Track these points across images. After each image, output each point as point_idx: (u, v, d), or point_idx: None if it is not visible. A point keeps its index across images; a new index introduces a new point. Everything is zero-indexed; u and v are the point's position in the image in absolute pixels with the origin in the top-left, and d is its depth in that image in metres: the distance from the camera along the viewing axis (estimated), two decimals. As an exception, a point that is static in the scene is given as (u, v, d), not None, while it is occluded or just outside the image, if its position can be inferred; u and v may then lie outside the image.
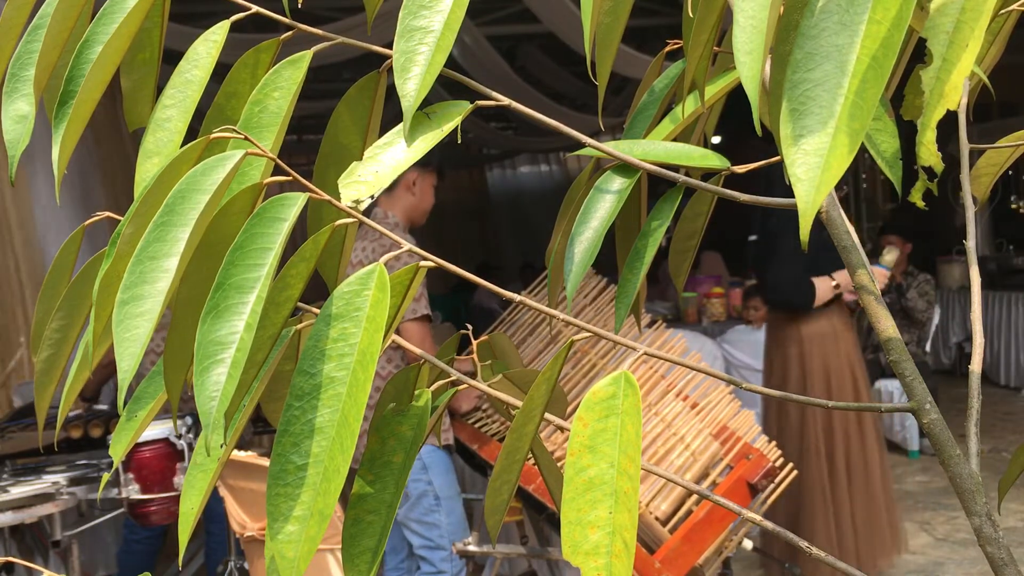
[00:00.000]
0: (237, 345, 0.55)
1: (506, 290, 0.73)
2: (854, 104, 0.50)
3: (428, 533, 3.01)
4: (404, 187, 3.13)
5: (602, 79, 0.77)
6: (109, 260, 0.59)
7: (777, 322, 3.86)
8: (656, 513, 2.44)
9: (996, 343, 7.98)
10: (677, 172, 0.74)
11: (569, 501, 0.60)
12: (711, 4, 0.71)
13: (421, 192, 3.17)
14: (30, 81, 0.69)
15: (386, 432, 0.67)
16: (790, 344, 3.75)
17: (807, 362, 3.71)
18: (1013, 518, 4.61)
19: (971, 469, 0.65)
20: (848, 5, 0.51)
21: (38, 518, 2.95)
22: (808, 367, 3.71)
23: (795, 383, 3.73)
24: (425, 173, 3.17)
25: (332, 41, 0.72)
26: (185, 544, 0.60)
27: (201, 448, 0.64)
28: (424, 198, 3.19)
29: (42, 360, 0.71)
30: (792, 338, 3.74)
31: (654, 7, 6.43)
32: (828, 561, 0.69)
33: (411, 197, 3.15)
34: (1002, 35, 0.82)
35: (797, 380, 3.73)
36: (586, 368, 2.83)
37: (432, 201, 3.23)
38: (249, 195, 0.61)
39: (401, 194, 3.14)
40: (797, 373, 3.74)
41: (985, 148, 0.87)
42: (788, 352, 3.76)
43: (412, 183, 3.14)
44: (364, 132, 0.75)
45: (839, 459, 3.65)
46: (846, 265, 0.69)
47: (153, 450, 3.04)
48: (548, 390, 0.67)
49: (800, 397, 0.69)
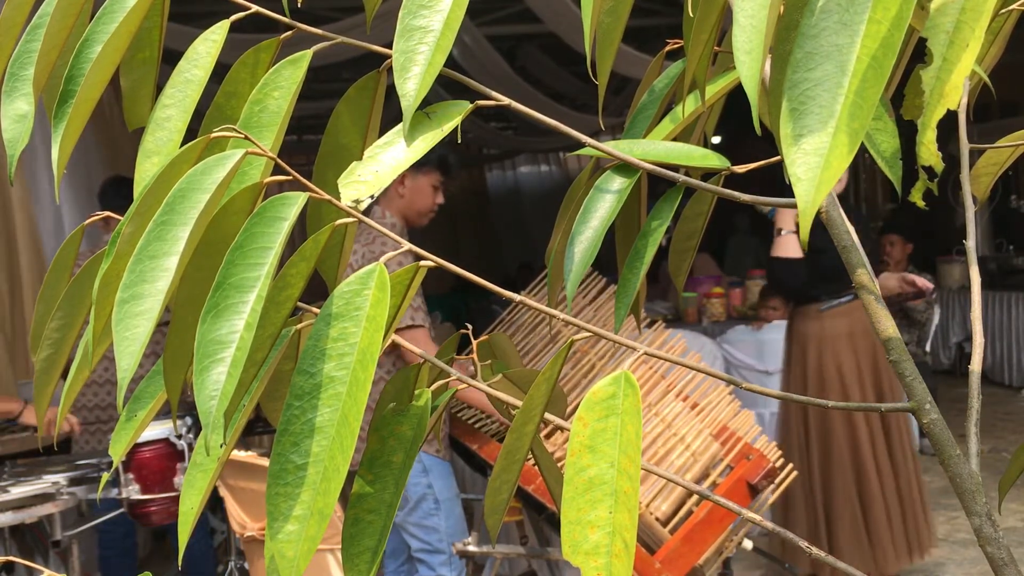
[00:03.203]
0: (237, 344, 0.55)
1: (505, 290, 0.73)
2: (854, 104, 0.50)
3: (427, 537, 2.99)
4: (393, 187, 3.07)
5: (602, 79, 0.77)
6: (109, 259, 0.59)
7: (795, 320, 3.80)
8: (656, 513, 2.44)
9: (996, 343, 7.98)
10: (677, 172, 0.74)
11: (569, 501, 0.60)
12: (711, 4, 0.71)
13: (413, 192, 3.08)
14: (30, 80, 0.69)
15: (386, 432, 0.67)
16: (808, 343, 3.70)
17: (824, 361, 3.67)
18: (1013, 518, 4.61)
19: (971, 469, 0.65)
20: (848, 5, 0.51)
21: (38, 518, 2.94)
22: (825, 366, 3.67)
23: (813, 381, 3.68)
24: (419, 173, 3.08)
25: (332, 41, 0.72)
26: (185, 544, 0.60)
27: (201, 448, 0.64)
28: (419, 198, 3.10)
29: (42, 359, 0.71)
30: (811, 336, 3.70)
31: (654, 7, 6.43)
32: (828, 561, 0.69)
33: (400, 198, 3.08)
34: (1002, 35, 0.82)
35: (815, 378, 3.68)
36: (586, 368, 2.83)
37: (433, 201, 3.14)
38: (249, 194, 0.61)
39: (392, 194, 3.09)
40: (815, 371, 3.69)
41: (985, 148, 0.87)
42: (807, 351, 3.70)
43: (400, 183, 3.06)
44: (364, 132, 0.75)
45: (867, 460, 3.61)
46: (846, 265, 0.69)
47: (153, 450, 3.04)
48: (548, 390, 0.67)
49: (800, 397, 0.69)
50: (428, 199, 3.12)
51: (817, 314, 3.69)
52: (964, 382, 0.76)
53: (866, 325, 3.63)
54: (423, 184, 3.10)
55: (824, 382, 3.65)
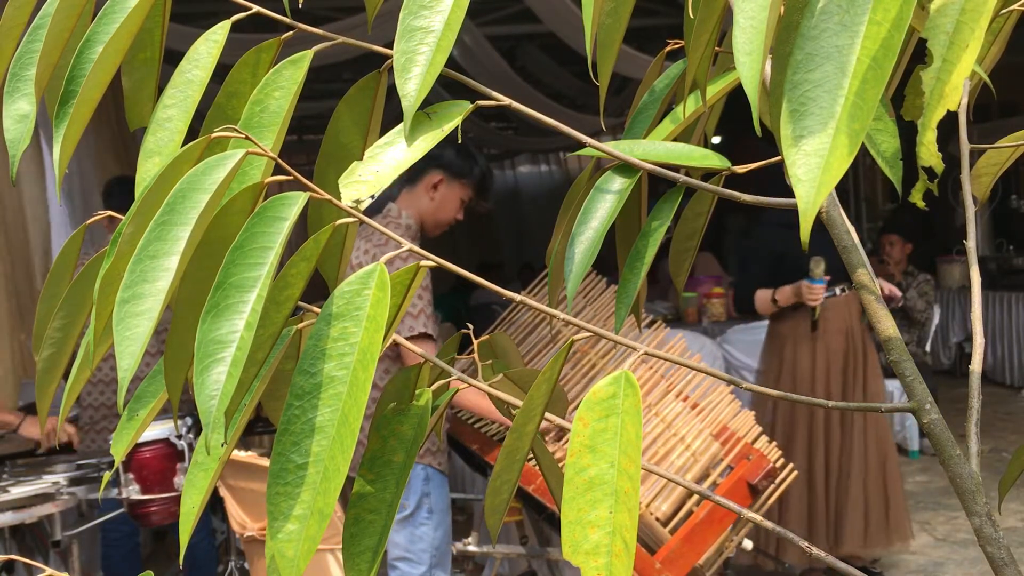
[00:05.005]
0: (237, 344, 0.55)
1: (505, 290, 0.73)
2: (854, 105, 0.50)
3: (411, 545, 2.86)
4: (424, 187, 2.86)
5: (603, 80, 0.77)
6: (110, 259, 0.59)
7: (772, 319, 3.97)
8: (656, 514, 2.44)
9: (996, 343, 7.98)
10: (677, 172, 0.74)
11: (569, 501, 0.60)
12: (712, 5, 0.71)
13: (442, 199, 2.88)
14: (31, 81, 0.69)
15: (387, 431, 0.67)
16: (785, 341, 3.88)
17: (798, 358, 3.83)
18: (1013, 518, 4.61)
19: (971, 469, 0.65)
20: (848, 6, 0.51)
21: (38, 518, 2.95)
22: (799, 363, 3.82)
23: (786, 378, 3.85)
24: (454, 181, 2.89)
25: (333, 41, 0.72)
26: (186, 544, 0.60)
27: (202, 447, 0.64)
28: (444, 207, 2.90)
29: (43, 359, 0.71)
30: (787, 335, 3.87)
31: (655, 7, 6.43)
32: (828, 561, 0.70)
33: (428, 201, 2.87)
34: (1002, 35, 0.82)
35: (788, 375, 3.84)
36: (586, 368, 2.83)
37: (455, 215, 2.93)
38: (250, 194, 0.61)
39: (420, 193, 2.87)
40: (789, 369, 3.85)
41: (985, 148, 0.87)
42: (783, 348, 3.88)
43: (433, 186, 2.87)
44: (365, 132, 0.75)
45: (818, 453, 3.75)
46: (846, 265, 0.69)
47: (153, 450, 3.03)
48: (548, 390, 0.67)
49: (799, 397, 0.69)
50: (453, 211, 2.93)
51: (791, 313, 3.82)
52: (964, 382, 0.76)
53: (839, 324, 3.73)
54: (455, 194, 2.91)
55: (796, 379, 3.80)
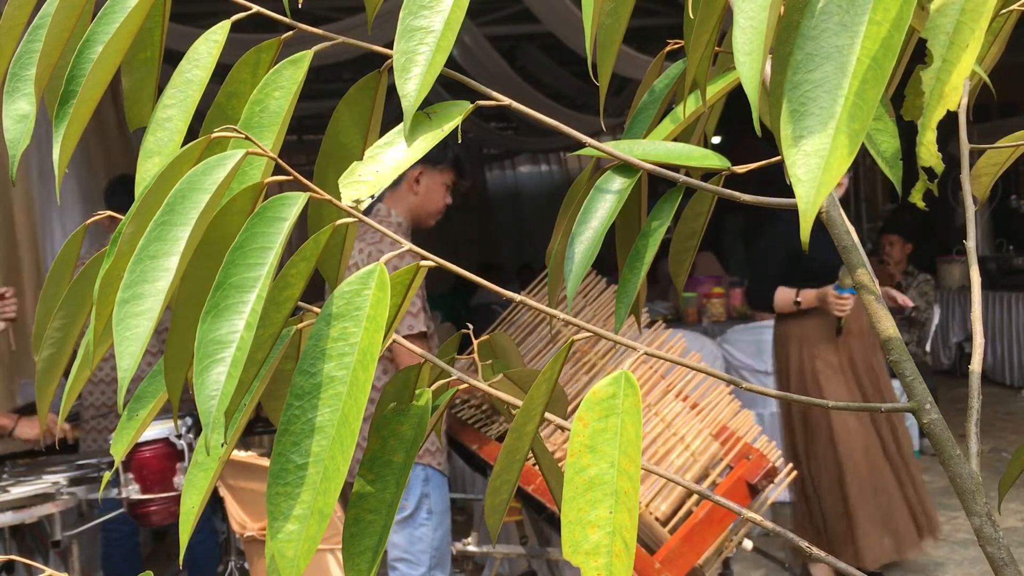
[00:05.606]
0: (237, 344, 0.55)
1: (505, 290, 0.73)
2: (854, 105, 0.50)
3: (411, 546, 2.90)
4: (407, 184, 2.96)
5: (603, 80, 0.77)
6: (110, 259, 0.59)
7: (777, 321, 3.94)
8: (656, 513, 2.44)
9: (996, 343, 7.98)
10: (677, 172, 0.74)
11: (569, 501, 0.60)
12: (712, 5, 0.71)
13: (427, 191, 2.98)
14: (31, 81, 0.69)
15: (386, 431, 0.67)
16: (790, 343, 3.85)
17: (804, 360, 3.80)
18: (1013, 518, 4.61)
19: (971, 469, 0.65)
20: (848, 6, 0.51)
21: (38, 518, 2.94)
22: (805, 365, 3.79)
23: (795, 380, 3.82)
24: (433, 170, 2.97)
25: (332, 41, 0.72)
26: (185, 544, 0.60)
27: (202, 447, 0.64)
28: (430, 198, 3.00)
29: (43, 359, 0.71)
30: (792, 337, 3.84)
31: (655, 7, 6.43)
32: (828, 561, 0.70)
33: (413, 196, 2.98)
34: (1002, 35, 0.82)
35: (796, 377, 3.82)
36: (586, 368, 2.83)
37: (443, 202, 3.04)
38: (249, 194, 0.61)
39: (404, 192, 2.98)
40: (797, 371, 3.82)
41: (985, 148, 0.87)
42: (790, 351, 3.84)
43: (415, 180, 2.96)
44: (365, 132, 0.75)
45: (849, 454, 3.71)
46: (846, 264, 0.69)
47: (153, 450, 3.03)
48: (548, 390, 0.67)
49: (801, 397, 0.69)
50: (440, 199, 3.03)
51: (797, 315, 3.78)
52: (964, 382, 0.76)
53: (857, 326, 3.72)
54: (437, 183, 3.00)
55: (805, 381, 3.77)
